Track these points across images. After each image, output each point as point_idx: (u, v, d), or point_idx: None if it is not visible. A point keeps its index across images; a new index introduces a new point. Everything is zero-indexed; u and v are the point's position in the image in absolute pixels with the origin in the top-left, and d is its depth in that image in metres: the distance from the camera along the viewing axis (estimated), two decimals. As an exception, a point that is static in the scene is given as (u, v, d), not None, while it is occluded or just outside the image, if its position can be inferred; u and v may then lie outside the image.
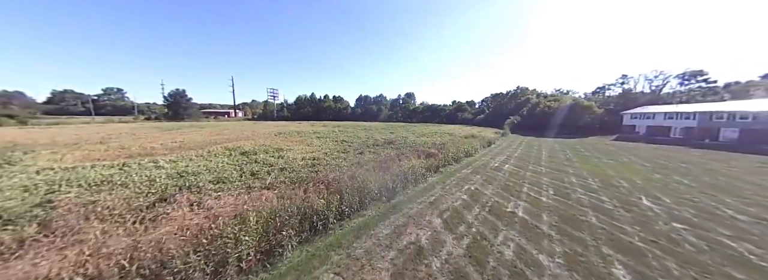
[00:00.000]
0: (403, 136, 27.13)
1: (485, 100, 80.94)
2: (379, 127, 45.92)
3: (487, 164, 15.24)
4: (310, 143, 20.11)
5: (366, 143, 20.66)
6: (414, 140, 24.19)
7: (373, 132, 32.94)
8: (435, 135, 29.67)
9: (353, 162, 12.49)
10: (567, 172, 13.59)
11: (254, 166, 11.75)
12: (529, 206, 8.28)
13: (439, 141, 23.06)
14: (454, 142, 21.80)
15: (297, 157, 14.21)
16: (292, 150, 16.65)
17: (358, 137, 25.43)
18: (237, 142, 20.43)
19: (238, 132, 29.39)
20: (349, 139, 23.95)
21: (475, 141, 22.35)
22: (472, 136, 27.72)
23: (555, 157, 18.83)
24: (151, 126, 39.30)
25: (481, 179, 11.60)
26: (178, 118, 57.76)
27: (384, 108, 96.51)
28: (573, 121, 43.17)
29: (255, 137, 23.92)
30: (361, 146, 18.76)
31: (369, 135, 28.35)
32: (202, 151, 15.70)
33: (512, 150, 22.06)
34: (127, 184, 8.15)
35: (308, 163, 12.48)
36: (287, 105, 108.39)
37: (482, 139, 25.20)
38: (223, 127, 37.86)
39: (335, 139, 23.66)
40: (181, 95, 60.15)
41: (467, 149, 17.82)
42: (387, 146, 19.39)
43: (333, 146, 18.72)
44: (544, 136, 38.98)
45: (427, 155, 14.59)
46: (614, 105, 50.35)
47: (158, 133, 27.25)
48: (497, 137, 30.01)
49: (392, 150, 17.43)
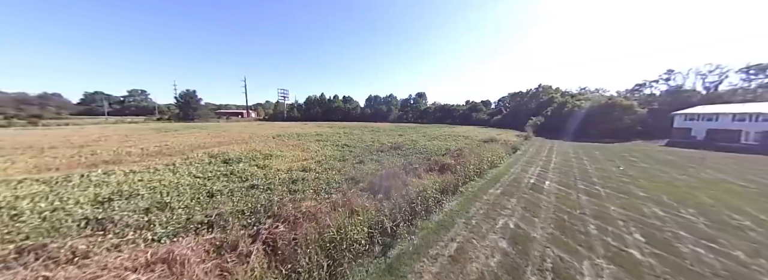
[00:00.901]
0: (413, 140, 24.38)
1: (502, 100, 76.81)
2: (388, 128, 43.31)
3: (519, 179, 12.18)
4: (307, 148, 17.73)
5: (370, 148, 18.09)
6: (425, 144, 21.41)
7: (381, 134, 30.37)
8: (449, 139, 26.74)
9: (348, 177, 9.91)
10: (637, 195, 10.03)
11: (224, 181, 9.39)
12: (621, 272, 5.03)
13: (453, 146, 20.18)
14: (471, 147, 18.87)
15: (283, 167, 11.81)
16: (283, 157, 14.29)
17: (362, 141, 22.91)
18: (228, 146, 18.35)
19: (237, 134, 27.53)
20: (352, 142, 21.47)
21: (498, 147, 19.27)
22: (491, 140, 24.59)
23: (605, 169, 15.19)
24: (155, 127, 38.32)
25: (519, 207, 8.46)
26: (188, 118, 57.34)
27: (394, 108, 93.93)
28: (609, 123, 38.33)
29: (250, 140, 21.84)
30: (364, 152, 16.19)
31: (375, 138, 25.80)
32: (180, 158, 13.59)
33: (545, 158, 18.78)
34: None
35: (292, 176, 10.01)
36: (297, 105, 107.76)
37: (505, 143, 22.07)
38: (226, 129, 36.35)
39: (337, 142, 21.23)
40: (192, 96, 59.77)
41: (490, 157, 14.80)
42: (393, 152, 16.72)
43: (331, 152, 16.25)
44: (575, 139, 34.90)
45: (442, 167, 11.81)
46: (659, 105, 44.20)
47: (153, 135, 25.74)
48: (521, 141, 26.71)
49: (399, 157, 14.78)
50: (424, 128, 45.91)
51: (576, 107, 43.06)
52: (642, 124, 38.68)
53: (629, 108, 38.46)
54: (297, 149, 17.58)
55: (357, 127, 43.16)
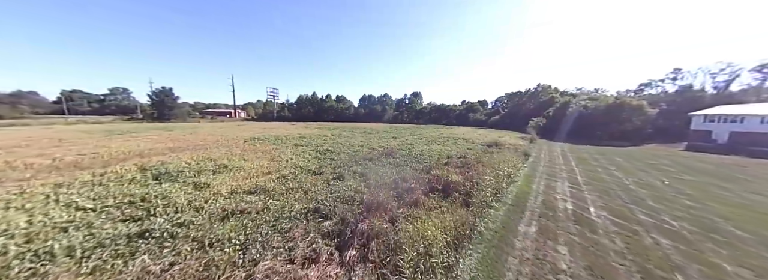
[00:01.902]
0: (408, 144, 21.27)
1: (499, 100, 74.37)
2: (382, 129, 40.15)
3: (552, 202, 9.04)
4: (278, 156, 14.42)
5: (356, 155, 14.89)
6: (421, 149, 18.31)
7: (372, 137, 27.21)
8: (447, 142, 23.72)
9: (311, 208, 6.70)
10: (733, 234, 6.74)
11: (115, 217, 6.11)
12: None
13: (455, 151, 17.13)
14: (477, 154, 15.84)
15: (229, 187, 8.55)
16: (239, 170, 11.00)
17: (349, 145, 19.70)
18: (180, 153, 14.93)
19: (204, 137, 23.96)
20: (337, 147, 18.24)
21: (508, 154, 16.24)
22: (495, 144, 21.66)
23: (649, 185, 11.80)
24: (110, 128, 33.67)
25: (580, 268, 5.00)
26: (163, 118, 53.11)
27: (389, 108, 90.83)
28: (617, 124, 35.60)
29: (215, 145, 18.42)
30: (347, 162, 12.99)
31: (366, 141, 22.61)
32: (95, 172, 10.18)
33: (565, 167, 15.65)
34: None
35: (231, 205, 6.78)
36: (288, 105, 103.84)
37: (513, 149, 19.11)
38: (196, 130, 32.61)
39: (319, 147, 17.96)
40: (167, 94, 55.45)
41: (507, 169, 11.62)
42: (384, 160, 13.56)
43: (305, 162, 12.99)
44: (583, 142, 32.04)
45: (447, 185, 8.68)
46: (667, 105, 41.62)
47: (96, 138, 21.80)
48: (526, 145, 23.81)
49: (390, 168, 11.62)
50: (420, 129, 42.91)
51: (580, 108, 40.43)
52: (653, 125, 36.09)
53: (639, 108, 35.79)
54: (265, 157, 14.25)
55: (348, 128, 39.91)
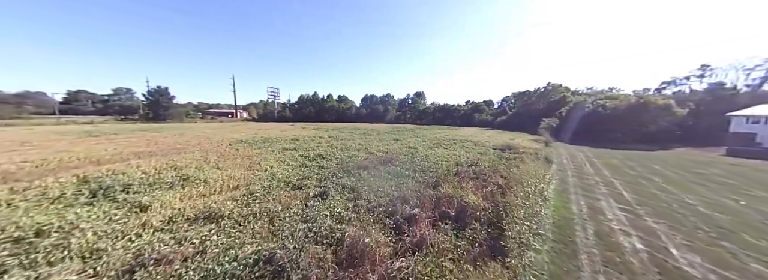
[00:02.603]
0: (411, 147, 19.11)
1: (505, 100, 71.78)
2: (383, 130, 38.02)
3: (608, 237, 6.56)
4: (258, 164, 12.35)
5: (351, 162, 12.78)
6: (426, 153, 16.13)
7: (373, 139, 25.09)
8: (454, 145, 21.49)
9: (268, 251, 4.59)
10: None
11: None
12: None
13: (464, 157, 14.91)
14: (489, 160, 13.63)
15: (173, 211, 6.49)
16: (203, 183, 8.95)
17: (346, 149, 17.60)
18: (146, 159, 12.95)
19: (189, 139, 22.01)
20: (330, 152, 16.16)
21: (527, 161, 13.94)
22: (508, 148, 19.40)
23: (725, 207, 9.01)
24: (91, 129, 31.63)
25: None
26: (158, 118, 51.65)
27: (391, 108, 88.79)
28: (640, 125, 32.52)
29: (193, 149, 16.44)
30: (338, 171, 10.88)
31: (365, 144, 20.49)
32: (14, 187, 8.21)
33: (601, 180, 13.06)
34: None
35: (151, 241, 4.70)
36: (289, 105, 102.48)
37: (531, 153, 16.83)
38: (185, 131, 30.74)
39: (309, 152, 15.87)
40: (162, 93, 54.02)
41: (534, 183, 9.27)
42: (382, 168, 11.41)
43: (287, 172, 10.90)
44: (603, 145, 29.12)
45: (462, 211, 6.52)
46: (696, 105, 38.25)
47: (68, 141, 19.86)
48: (542, 149, 21.46)
49: (388, 180, 9.48)
50: (423, 130, 40.71)
51: (598, 107, 37.53)
52: (681, 127, 32.80)
53: (666, 108, 32.50)
54: (243, 164, 12.19)
55: (348, 129, 37.86)
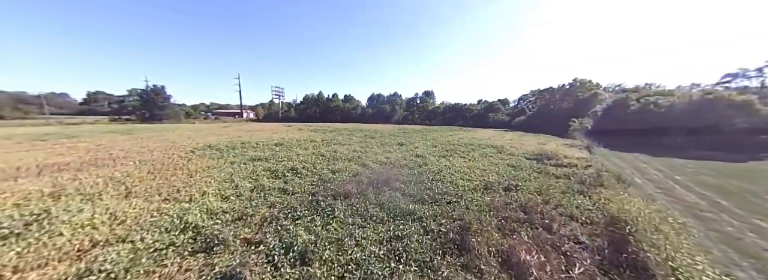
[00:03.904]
0: (418, 156, 15.01)
1: (523, 99, 66.37)
2: (388, 132, 33.99)
3: None
4: (191, 185, 8.56)
5: (331, 183, 8.84)
6: (437, 166, 12.01)
7: (373, 143, 21.10)
8: (473, 152, 17.23)
9: None
10: None
11: None
12: None
13: (494, 173, 10.73)
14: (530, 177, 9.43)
15: None
16: (49, 236, 5.21)
17: (334, 159, 13.69)
18: (40, 177, 9.39)
19: (151, 144, 18.52)
20: (312, 164, 12.31)
21: (601, 187, 9.57)
22: (546, 157, 15.03)
23: None
24: (65, 131, 29.50)
25: None
26: (154, 118, 49.48)
27: (398, 108, 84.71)
28: (708, 127, 25.88)
29: (132, 159, 12.88)
30: (304, 201, 6.96)
31: (363, 151, 16.54)
32: None
33: (736, 221, 7.71)
34: None
35: None
36: (294, 105, 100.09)
37: (577, 164, 12.43)
38: (162, 133, 27.59)
39: (280, 165, 11.99)
40: (158, 92, 51.90)
41: (668, 252, 4.83)
42: (372, 196, 7.40)
43: (220, 204, 7.05)
44: (661, 153, 21.69)
45: None
46: None
47: (5, 147, 16.90)
48: (590, 158, 16.86)
49: (376, 226, 5.49)
50: (433, 132, 36.42)
51: (648, 106, 31.09)
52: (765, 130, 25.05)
53: (746, 106, 25.38)
54: (170, 187, 8.40)
55: (349, 131, 34.04)
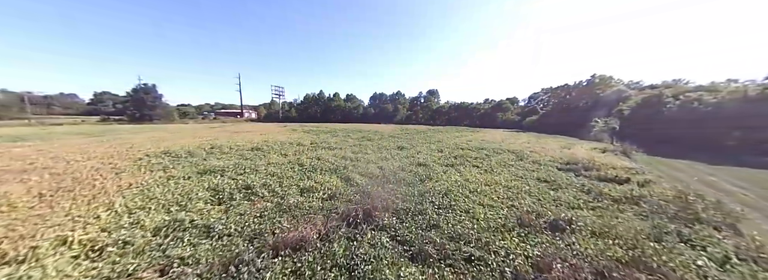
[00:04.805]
0: (420, 164, 11.83)
1: (534, 97, 62.62)
2: (388, 133, 30.88)
3: None
4: (68, 226, 5.57)
5: (283, 221, 5.79)
6: (445, 184, 8.78)
7: (369, 147, 17.95)
8: (488, 158, 13.96)
9: None
10: None
11: None
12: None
13: (525, 193, 7.53)
14: (581, 204, 6.20)
15: None
16: None
17: (311, 171, 10.63)
18: None
19: (109, 147, 15.65)
20: (275, 180, 9.27)
21: None
22: (583, 166, 11.73)
23: None
24: (21, 134, 27.01)
25: None
26: (145, 118, 47.16)
27: (401, 108, 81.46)
28: None
29: (69, 168, 9.99)
30: (221, 264, 3.88)
31: (353, 158, 13.43)
32: None
33: None
34: None
35: None
36: (295, 105, 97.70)
37: (633, 178, 9.09)
38: (136, 135, 24.88)
39: (236, 181, 8.96)
40: (148, 91, 49.55)
41: None
42: (342, 247, 4.30)
43: (71, 273, 4.03)
44: (719, 159, 17.27)
45: None
46: None
47: None
48: (634, 166, 13.43)
49: None
50: (438, 133, 33.18)
51: (692, 103, 26.56)
52: None
53: None
54: (27, 223, 5.40)
55: (346, 132, 31.00)
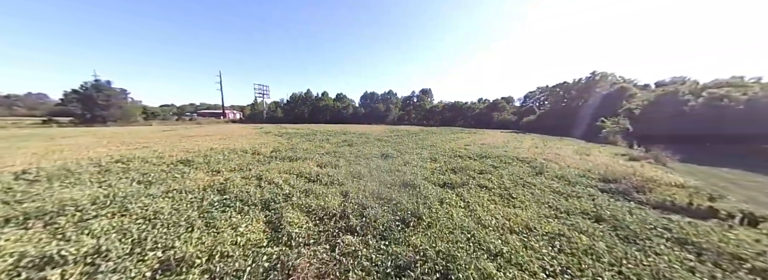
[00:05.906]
0: (407, 186, 7.83)
1: (530, 96, 59.96)
2: (376, 136, 27.07)
3: None
4: None
5: None
6: (445, 237, 4.85)
7: (343, 158, 13.86)
8: (496, 170, 10.13)
9: None
10: None
11: None
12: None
13: (586, 258, 3.78)
14: None
15: None
16: None
17: (228, 206, 6.64)
18: None
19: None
20: (139, 235, 5.25)
21: None
22: (634, 189, 8.06)
23: None
24: None
25: None
26: (97, 119, 41.99)
27: (393, 107, 77.90)
28: None
29: None
30: None
31: (313, 176, 9.44)
32: None
33: None
34: None
35: None
36: (282, 104, 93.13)
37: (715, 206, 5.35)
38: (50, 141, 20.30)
39: (63, 242, 4.96)
40: (100, 89, 44.50)
41: None
42: None
43: None
44: (758, 166, 14.32)
45: None
46: None
47: None
48: (695, 184, 9.93)
49: None
50: (431, 135, 29.59)
51: (718, 101, 23.62)
52: None
53: None
54: None
55: (327, 135, 27.02)
